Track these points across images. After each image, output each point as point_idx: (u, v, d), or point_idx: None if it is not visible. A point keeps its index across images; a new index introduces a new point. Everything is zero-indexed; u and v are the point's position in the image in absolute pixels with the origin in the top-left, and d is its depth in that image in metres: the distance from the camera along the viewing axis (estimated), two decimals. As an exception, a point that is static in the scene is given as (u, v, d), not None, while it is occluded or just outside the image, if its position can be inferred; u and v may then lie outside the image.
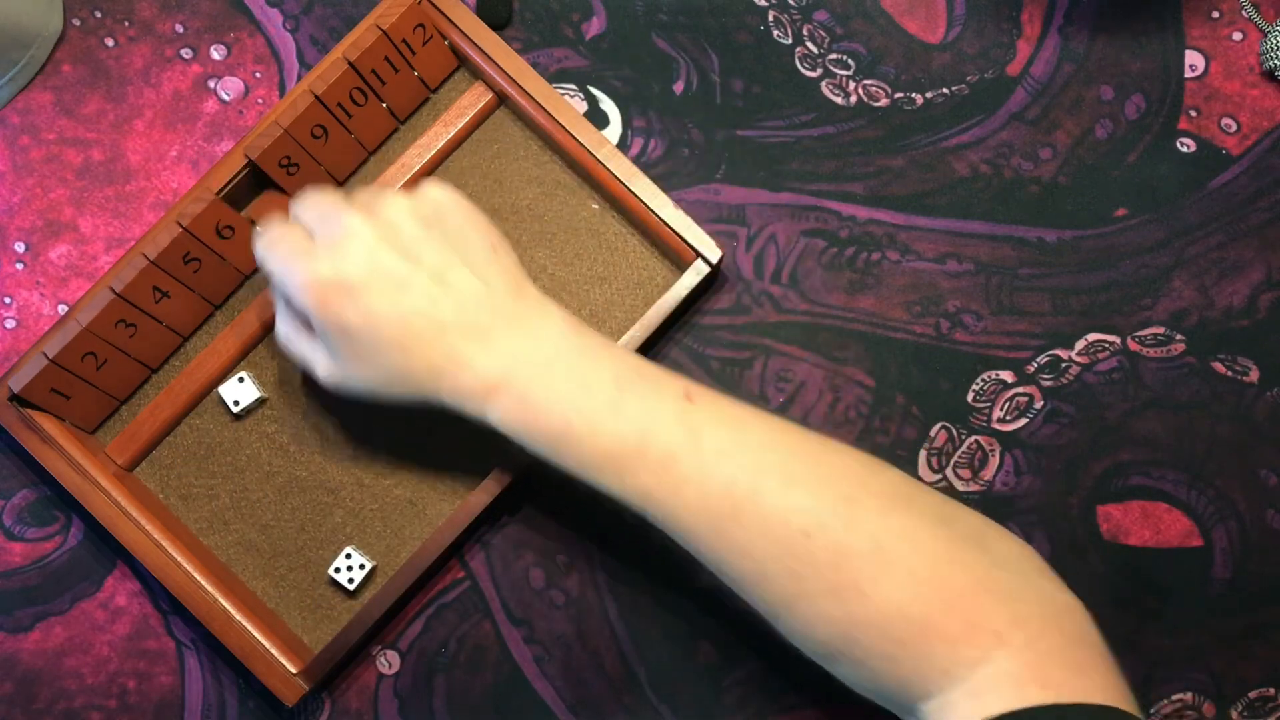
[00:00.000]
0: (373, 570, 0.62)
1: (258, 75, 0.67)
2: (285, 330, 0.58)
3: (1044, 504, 0.63)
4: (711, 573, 0.52)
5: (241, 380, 0.62)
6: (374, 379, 0.54)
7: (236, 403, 0.63)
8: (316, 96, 0.61)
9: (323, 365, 0.56)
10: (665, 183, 0.65)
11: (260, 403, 0.63)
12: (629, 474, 0.51)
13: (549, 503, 0.63)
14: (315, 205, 0.55)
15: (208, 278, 0.63)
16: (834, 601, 0.48)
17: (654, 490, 0.51)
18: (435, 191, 0.55)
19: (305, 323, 0.56)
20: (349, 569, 0.62)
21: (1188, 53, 0.66)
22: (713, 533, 0.50)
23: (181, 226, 0.60)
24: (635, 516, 0.63)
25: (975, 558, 0.49)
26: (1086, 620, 0.49)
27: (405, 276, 0.52)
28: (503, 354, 0.52)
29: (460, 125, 0.65)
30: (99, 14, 0.67)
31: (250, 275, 0.65)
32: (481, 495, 0.60)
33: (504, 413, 0.52)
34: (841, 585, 0.48)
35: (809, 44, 0.66)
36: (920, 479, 0.63)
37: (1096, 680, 0.47)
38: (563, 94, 0.66)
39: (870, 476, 0.51)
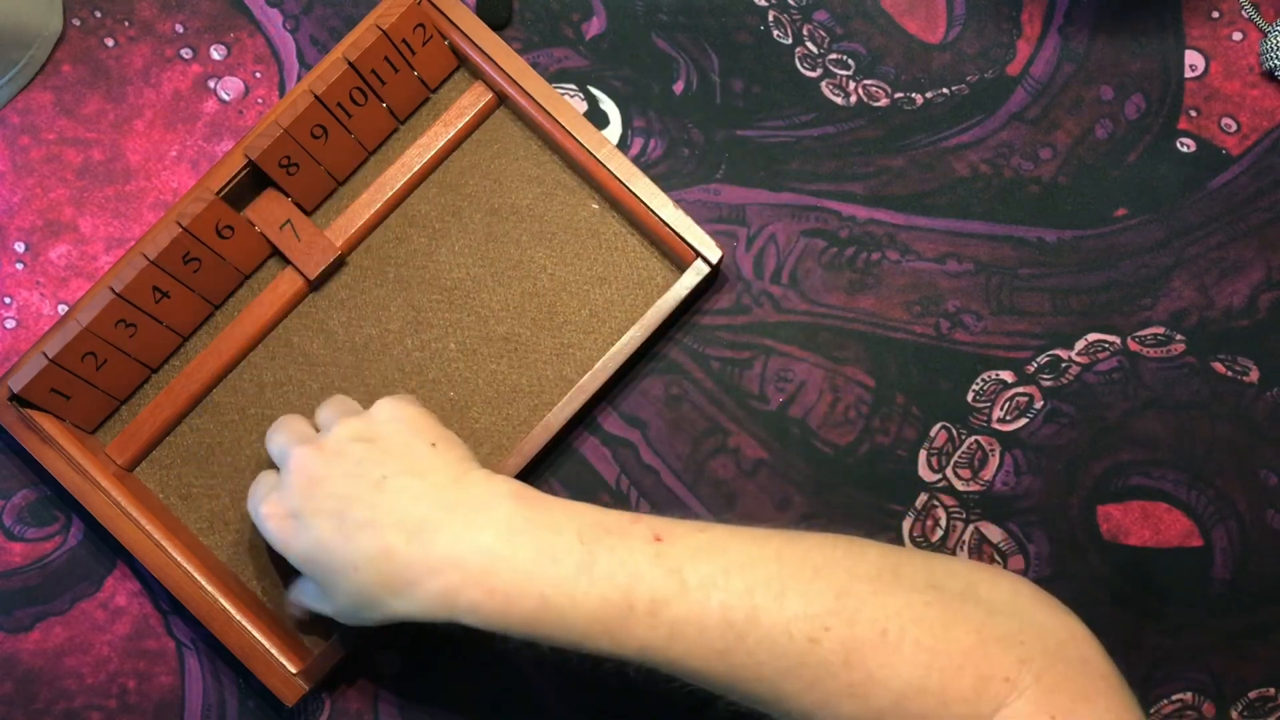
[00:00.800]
0: None
1: (258, 75, 0.67)
2: (296, 589, 0.59)
3: (1044, 504, 0.63)
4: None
5: None
6: (347, 605, 0.53)
7: None
8: (316, 96, 0.61)
9: (326, 605, 0.56)
10: (665, 183, 0.65)
11: None
12: (621, 632, 0.50)
13: (549, 503, 0.64)
14: (275, 436, 0.57)
15: (208, 278, 0.63)
16: (853, 699, 0.48)
17: (650, 641, 0.49)
18: (378, 409, 0.55)
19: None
20: None
21: (1188, 53, 0.66)
22: (721, 665, 0.49)
23: (181, 226, 0.60)
24: (635, 516, 0.63)
25: (972, 612, 0.49)
26: (1089, 643, 0.50)
27: (346, 496, 0.52)
28: (456, 546, 0.50)
29: (460, 125, 0.65)
30: (99, 14, 0.67)
31: (250, 275, 0.65)
32: (481, 495, 0.60)
33: (474, 607, 0.50)
34: (857, 682, 0.48)
35: (809, 44, 0.66)
36: (920, 479, 0.63)
37: (1104, 704, 0.47)
38: (563, 94, 0.66)
39: (855, 562, 0.50)
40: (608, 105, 0.66)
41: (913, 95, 0.66)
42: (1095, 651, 0.49)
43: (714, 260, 0.61)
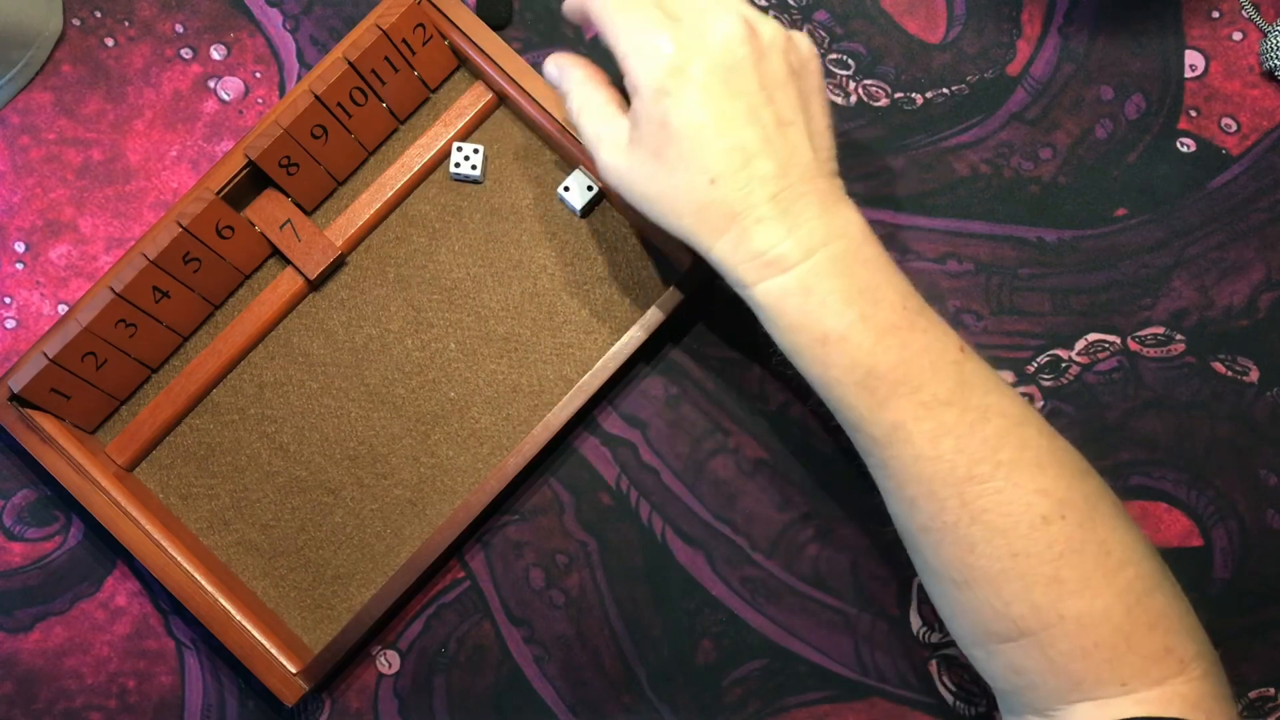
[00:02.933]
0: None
1: (258, 75, 0.67)
2: (583, 101, 0.53)
3: (1044, 504, 0.63)
4: (712, 572, 0.51)
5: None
6: (661, 190, 0.50)
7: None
8: (316, 96, 0.61)
9: (610, 149, 0.51)
10: (665, 183, 0.65)
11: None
12: (889, 403, 0.49)
13: (549, 502, 0.64)
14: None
15: (208, 278, 0.63)
16: (1047, 590, 0.48)
17: (909, 428, 0.48)
18: (806, 45, 0.51)
19: (616, 98, 0.52)
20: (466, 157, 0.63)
21: (1188, 53, 0.66)
22: (951, 488, 0.49)
23: (181, 226, 0.60)
24: (632, 516, 0.63)
25: (1172, 588, 0.50)
26: (1224, 675, 0.51)
27: (755, 107, 0.48)
28: (804, 232, 0.48)
29: (460, 125, 0.65)
30: (99, 14, 0.67)
31: (250, 275, 0.65)
32: (481, 495, 0.60)
33: (779, 296, 0.49)
34: (1063, 578, 0.48)
35: (809, 44, 0.66)
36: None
37: None
38: (563, 94, 0.66)
39: (1105, 487, 0.51)
40: (608, 105, 0.66)
41: (913, 95, 0.66)
42: (1227, 683, 0.51)
43: (714, 260, 0.61)
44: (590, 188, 0.63)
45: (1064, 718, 0.50)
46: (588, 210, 0.64)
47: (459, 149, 0.64)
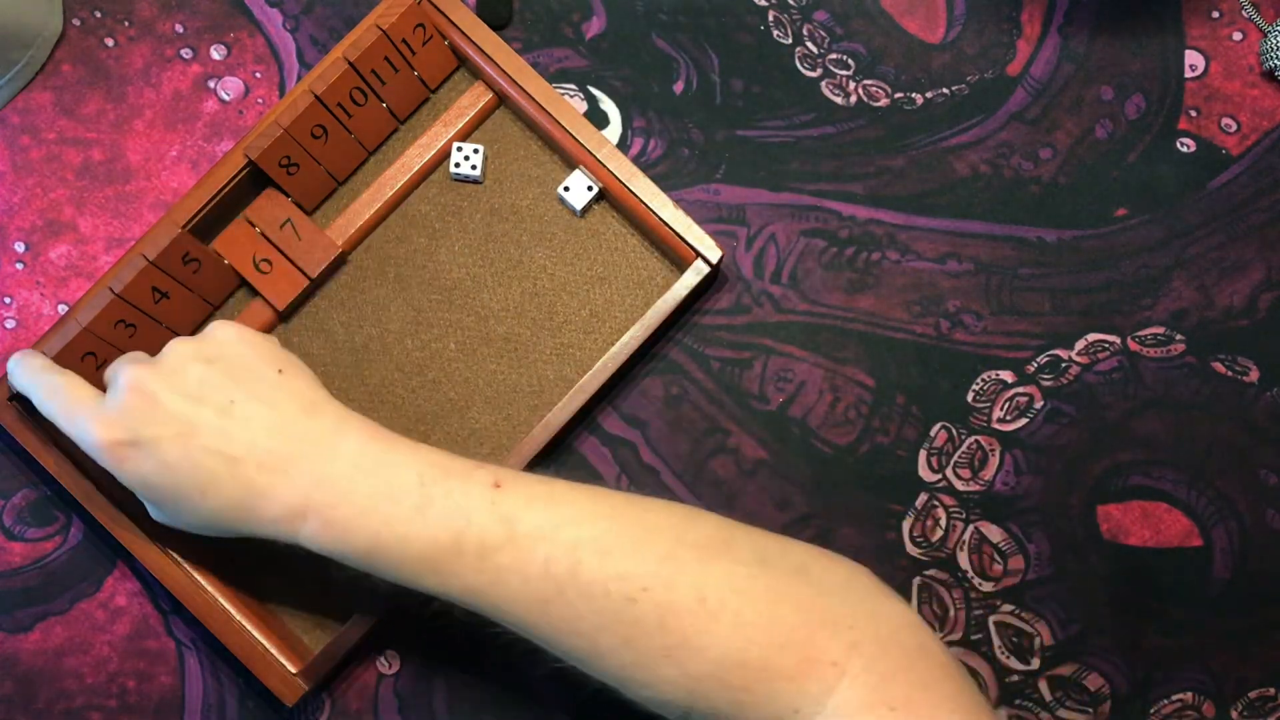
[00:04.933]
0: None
1: (258, 75, 0.67)
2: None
3: (1044, 504, 0.63)
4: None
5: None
6: (188, 523, 0.54)
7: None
8: (316, 96, 0.61)
9: (151, 511, 0.55)
10: (665, 183, 0.65)
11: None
12: (449, 574, 0.50)
13: (549, 503, 0.64)
14: (109, 371, 0.55)
15: (207, 278, 0.63)
16: (669, 663, 0.48)
17: (475, 585, 0.50)
18: (218, 330, 0.55)
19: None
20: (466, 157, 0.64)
21: (1188, 53, 0.66)
22: (541, 616, 0.50)
23: (181, 227, 0.60)
24: (635, 516, 0.63)
25: (801, 591, 0.49)
26: (924, 631, 0.49)
27: (191, 419, 0.51)
28: (301, 479, 0.51)
29: (460, 125, 0.65)
30: (99, 14, 0.67)
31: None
32: (481, 495, 0.60)
33: (314, 535, 0.52)
34: (672, 645, 0.48)
35: (809, 44, 0.66)
36: (920, 478, 0.63)
37: (942, 691, 0.47)
38: (563, 94, 0.65)
39: (687, 529, 0.50)
40: (608, 105, 0.66)
41: (913, 95, 0.66)
42: (931, 640, 0.49)
43: (714, 260, 0.61)
44: (590, 188, 0.63)
45: None
46: (587, 210, 0.64)
47: (459, 149, 0.64)
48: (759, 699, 0.47)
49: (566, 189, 0.63)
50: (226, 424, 0.52)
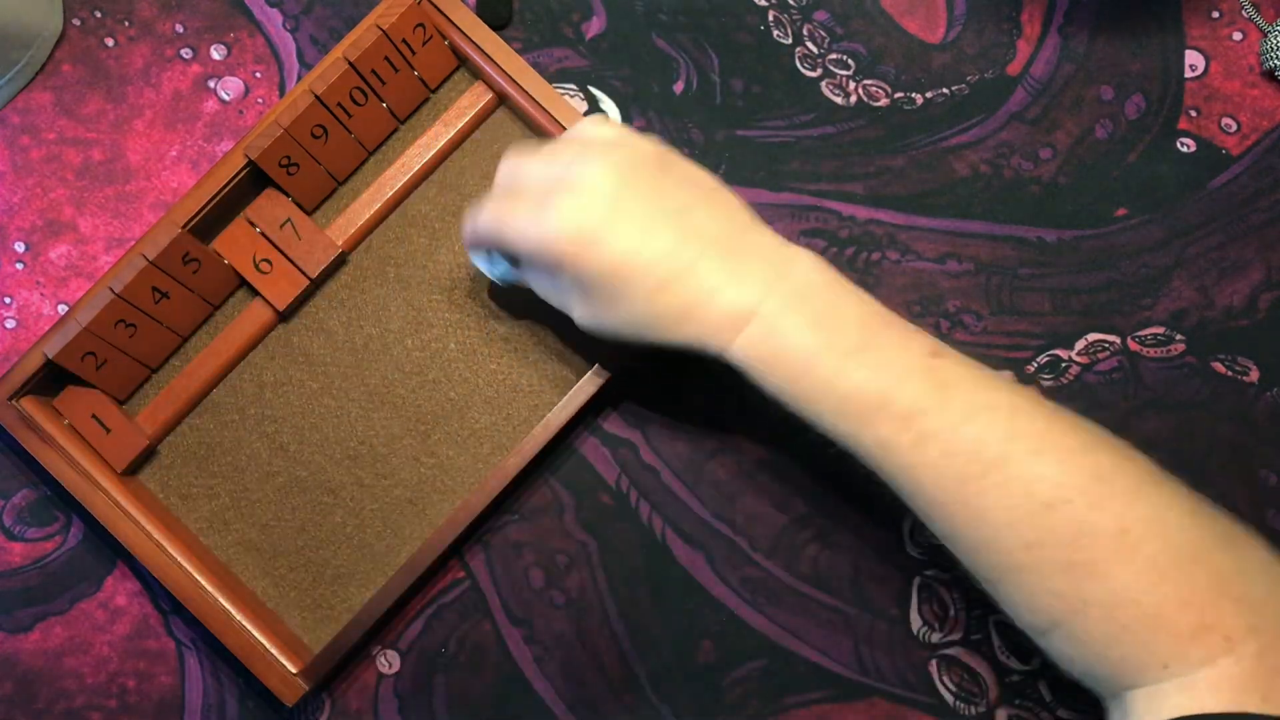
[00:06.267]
0: None
1: (258, 75, 0.67)
2: (540, 283, 0.56)
3: (1044, 504, 0.63)
4: (712, 572, 0.51)
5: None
6: (626, 322, 0.52)
7: None
8: (316, 96, 0.61)
9: (578, 311, 0.54)
10: (665, 183, 0.65)
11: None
12: (869, 423, 0.49)
13: (549, 502, 0.64)
14: (532, 162, 0.54)
15: (207, 278, 0.63)
16: (1066, 578, 0.47)
17: (893, 442, 0.49)
18: (652, 143, 0.54)
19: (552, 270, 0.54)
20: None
21: (1188, 53, 0.66)
22: (949, 493, 0.49)
23: (181, 227, 0.60)
24: (632, 516, 0.63)
25: (1221, 559, 0.48)
26: None
27: (651, 218, 0.51)
28: (753, 284, 0.50)
29: (460, 125, 0.65)
30: (99, 14, 0.67)
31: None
32: (481, 495, 0.60)
33: (749, 346, 0.51)
34: (1077, 563, 0.47)
35: (809, 44, 0.66)
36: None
37: None
38: (563, 94, 0.66)
39: (1123, 458, 0.49)
40: (608, 105, 0.66)
41: (913, 95, 0.66)
42: None
43: (714, 260, 0.61)
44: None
45: (1127, 705, 0.48)
46: (499, 286, 0.63)
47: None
48: (1137, 642, 0.47)
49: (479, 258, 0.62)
50: (684, 226, 0.51)
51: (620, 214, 0.51)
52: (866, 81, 0.66)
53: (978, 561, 0.50)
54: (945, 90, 0.66)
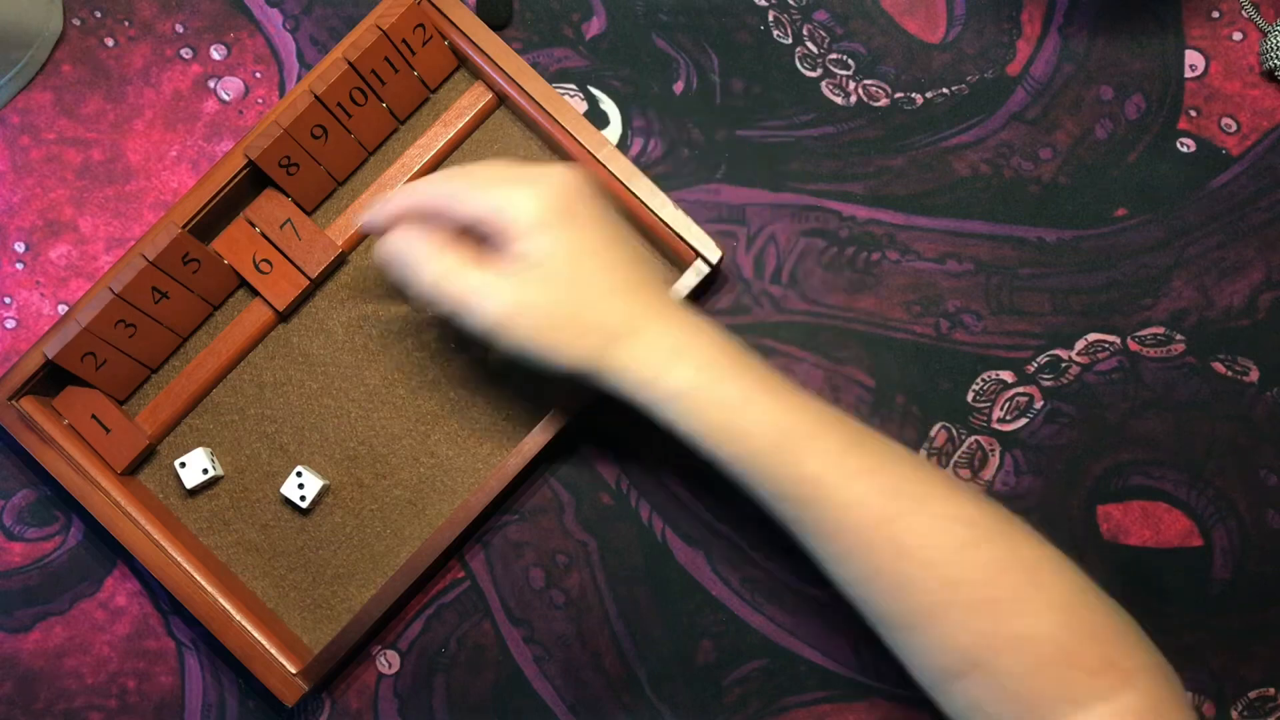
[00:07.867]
0: (324, 489, 0.62)
1: (258, 75, 0.67)
2: (442, 267, 0.54)
3: (1044, 504, 0.63)
4: (712, 572, 0.51)
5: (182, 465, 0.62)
6: (557, 318, 0.53)
7: (198, 473, 0.62)
8: (316, 96, 0.61)
9: (493, 297, 0.53)
10: (665, 183, 0.65)
11: (216, 480, 0.63)
12: (804, 458, 0.51)
13: (549, 502, 0.64)
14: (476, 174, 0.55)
15: (207, 278, 0.63)
16: (981, 615, 0.49)
17: (825, 477, 0.50)
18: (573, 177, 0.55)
19: (465, 256, 0.54)
20: (300, 488, 0.62)
21: (1188, 53, 0.66)
22: (877, 531, 0.50)
23: (181, 227, 0.60)
24: (632, 516, 0.63)
25: (1106, 603, 0.50)
26: (1178, 681, 0.51)
27: (605, 236, 0.54)
28: (677, 329, 0.53)
29: (460, 125, 0.65)
30: (99, 14, 0.67)
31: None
32: (481, 495, 0.60)
33: (680, 386, 0.52)
34: (994, 599, 0.49)
35: (809, 44, 0.66)
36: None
37: None
38: (563, 94, 0.66)
39: (999, 508, 0.52)
40: (608, 105, 0.66)
41: (913, 95, 0.66)
42: (1184, 691, 0.51)
43: (714, 260, 0.61)
44: (205, 470, 0.62)
45: None
46: (197, 491, 0.63)
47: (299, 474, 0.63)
48: (1051, 678, 0.48)
49: (183, 464, 0.62)
50: (641, 252, 0.55)
51: (588, 218, 0.54)
52: (866, 81, 0.66)
53: (897, 605, 0.51)
54: (945, 90, 0.66)
